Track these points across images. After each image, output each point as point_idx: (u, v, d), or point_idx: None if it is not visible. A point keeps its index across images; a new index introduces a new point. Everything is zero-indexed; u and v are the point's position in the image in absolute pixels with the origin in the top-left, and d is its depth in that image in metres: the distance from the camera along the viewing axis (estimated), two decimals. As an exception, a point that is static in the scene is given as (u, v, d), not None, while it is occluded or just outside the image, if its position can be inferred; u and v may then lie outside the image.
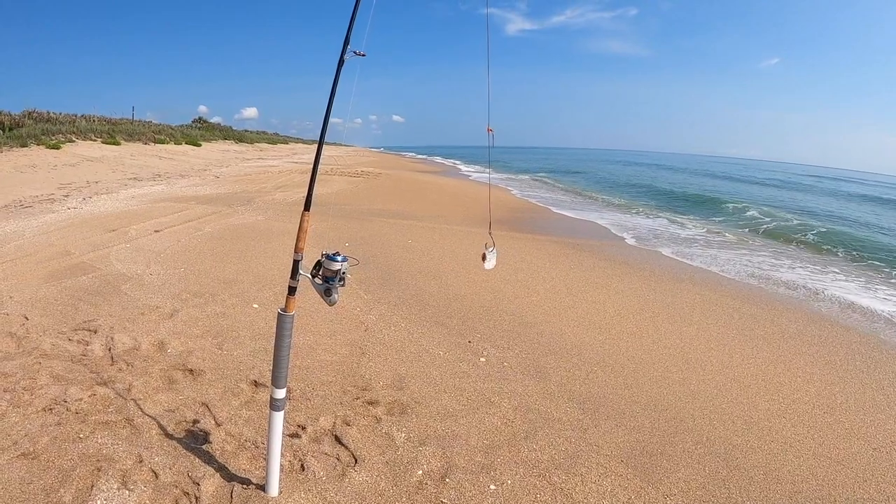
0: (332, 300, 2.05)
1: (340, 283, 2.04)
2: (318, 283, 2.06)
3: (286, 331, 2.10)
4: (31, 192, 10.91)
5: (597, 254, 8.80)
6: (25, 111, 22.49)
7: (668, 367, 4.16)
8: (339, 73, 1.99)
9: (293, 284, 2.07)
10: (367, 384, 3.47)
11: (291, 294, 2.09)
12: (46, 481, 2.32)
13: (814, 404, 3.77)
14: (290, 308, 2.10)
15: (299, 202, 11.76)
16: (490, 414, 3.21)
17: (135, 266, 5.78)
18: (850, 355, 4.84)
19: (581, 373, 3.93)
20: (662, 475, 2.76)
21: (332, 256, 2.03)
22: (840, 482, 2.86)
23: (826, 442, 3.27)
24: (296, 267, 2.05)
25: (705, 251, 9.94)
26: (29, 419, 2.78)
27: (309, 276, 2.07)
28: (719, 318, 5.61)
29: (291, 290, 2.08)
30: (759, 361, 4.48)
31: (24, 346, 3.67)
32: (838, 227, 15.10)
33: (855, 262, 9.93)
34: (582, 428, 3.15)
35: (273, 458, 2.22)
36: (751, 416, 3.49)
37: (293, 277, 2.06)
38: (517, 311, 5.23)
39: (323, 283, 2.04)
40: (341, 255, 2.04)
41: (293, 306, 2.11)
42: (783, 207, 20.02)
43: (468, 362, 3.95)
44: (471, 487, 2.50)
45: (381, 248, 7.61)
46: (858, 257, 10.35)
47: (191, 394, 3.14)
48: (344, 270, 2.04)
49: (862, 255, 10.49)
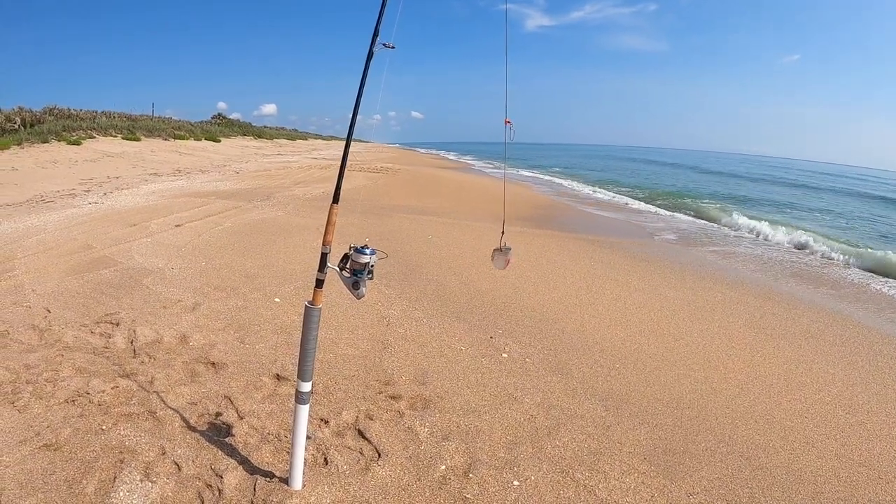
0: (360, 293, 2.04)
1: (369, 276, 2.03)
2: (346, 276, 2.05)
3: (313, 324, 2.09)
4: (52, 188, 11.07)
5: (617, 250, 8.73)
6: (46, 107, 22.78)
7: (690, 365, 4.11)
8: (367, 65, 1.97)
9: (321, 277, 2.06)
10: (390, 378, 3.46)
11: (319, 287, 2.08)
12: (69, 472, 2.34)
13: (836, 404, 3.71)
14: (318, 301, 2.09)
15: (319, 197, 11.83)
16: (513, 410, 3.19)
17: (156, 260, 5.83)
18: (873, 355, 4.75)
19: (603, 370, 3.89)
20: (685, 473, 2.73)
21: (360, 249, 2.02)
22: (863, 484, 2.82)
23: (849, 443, 3.21)
24: (324, 259, 2.04)
25: (731, 249, 9.81)
26: (51, 410, 2.80)
27: (337, 269, 2.06)
28: (741, 316, 5.53)
29: (319, 283, 2.07)
30: (780, 360, 4.42)
31: (47, 339, 3.71)
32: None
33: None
34: (605, 425, 3.12)
35: (297, 452, 2.21)
36: (773, 416, 3.44)
37: (321, 270, 2.05)
38: (538, 307, 5.19)
39: (351, 276, 2.03)
40: (370, 248, 2.02)
41: (320, 299, 2.10)
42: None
43: (490, 358, 3.93)
44: (494, 483, 2.49)
45: (402, 243, 7.61)
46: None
47: (213, 387, 3.15)
48: (372, 263, 2.03)
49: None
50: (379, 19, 2.00)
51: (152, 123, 28.85)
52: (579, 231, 10.79)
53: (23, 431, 2.61)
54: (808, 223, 14.95)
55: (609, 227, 11.76)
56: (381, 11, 2.01)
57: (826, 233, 12.85)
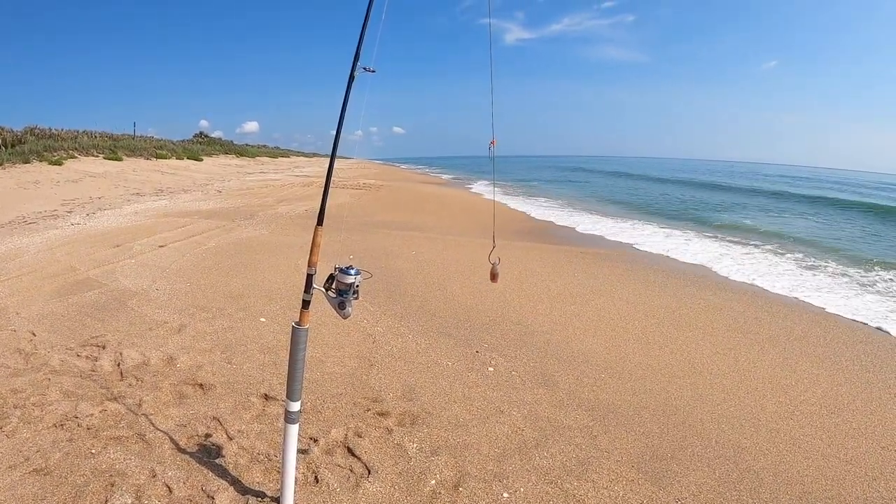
0: (346, 313, 2.08)
1: (354, 296, 2.07)
2: (331, 297, 2.09)
3: (301, 344, 2.12)
4: (34, 209, 10.98)
5: (601, 261, 8.83)
6: (27, 127, 22.66)
7: (675, 372, 4.18)
8: (349, 88, 2.03)
9: (307, 298, 2.11)
10: (378, 395, 3.49)
11: (305, 308, 2.12)
12: (60, 497, 2.34)
13: (821, 405, 3.79)
14: (305, 321, 2.13)
15: (302, 215, 11.86)
16: (500, 423, 3.23)
17: (141, 281, 5.82)
18: (856, 355, 4.87)
19: (589, 380, 3.94)
20: (673, 479, 2.78)
21: (345, 270, 2.06)
22: (850, 482, 2.89)
23: (834, 442, 3.29)
24: (309, 281, 2.08)
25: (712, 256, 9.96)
26: (40, 435, 2.81)
27: (323, 290, 2.10)
28: (725, 322, 5.63)
29: (305, 304, 2.11)
30: (765, 364, 4.51)
31: (33, 363, 3.70)
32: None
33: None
34: (592, 435, 3.16)
35: (288, 471, 2.23)
36: (759, 419, 3.51)
37: (307, 291, 2.09)
38: (523, 319, 5.25)
39: (337, 296, 2.07)
40: (354, 269, 2.07)
41: (307, 320, 2.14)
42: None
43: (477, 372, 3.97)
44: (484, 496, 2.52)
45: (386, 259, 7.65)
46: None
47: (202, 408, 3.16)
48: (357, 283, 2.07)
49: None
50: (359, 44, 2.06)
51: (134, 143, 28.78)
52: (562, 242, 10.90)
53: (12, 456, 2.61)
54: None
55: (588, 240, 11.88)
56: (361, 36, 2.07)
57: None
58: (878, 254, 11.02)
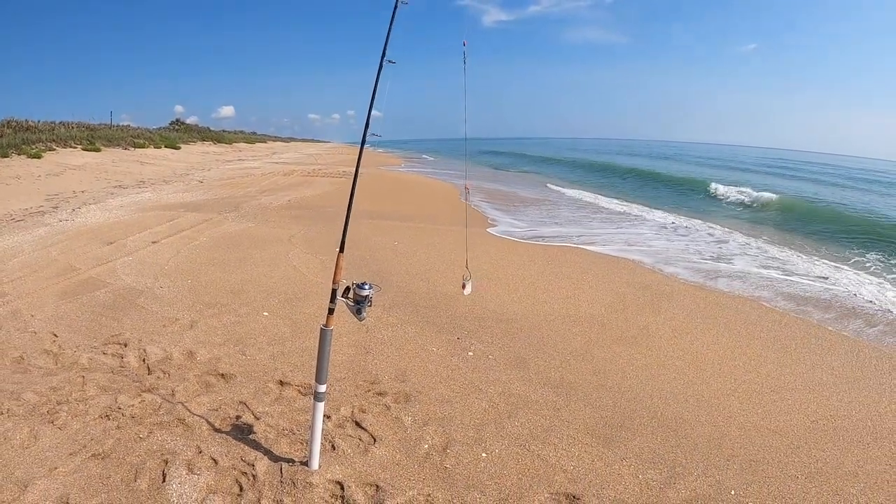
0: (361, 317, 2.71)
1: (368, 304, 2.68)
2: (351, 305, 2.69)
3: (327, 341, 2.73)
4: (19, 205, 11.13)
5: (567, 252, 9.51)
6: (4, 120, 22.29)
7: (633, 355, 4.80)
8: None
9: (332, 307, 2.71)
10: (375, 378, 4.07)
11: (330, 314, 2.72)
12: (122, 474, 2.79)
13: (763, 384, 4.33)
14: (330, 324, 2.73)
15: (286, 206, 12.28)
16: (479, 399, 3.85)
17: (143, 279, 6.21)
18: (806, 339, 5.42)
19: (556, 362, 4.57)
20: (620, 443, 3.40)
21: (360, 286, 2.67)
22: (774, 448, 3.39)
23: (768, 416, 3.80)
24: (333, 294, 2.69)
25: (668, 239, 10.70)
26: (90, 426, 3.20)
27: (345, 301, 2.70)
28: (685, 307, 6.28)
29: (330, 311, 2.72)
30: (718, 347, 5.09)
31: (62, 362, 4.07)
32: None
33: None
34: (556, 408, 3.80)
35: (315, 439, 2.82)
36: (702, 395, 4.09)
37: (332, 301, 2.69)
38: (498, 308, 5.87)
39: (354, 304, 2.68)
40: (368, 284, 2.67)
41: (332, 322, 2.74)
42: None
43: (458, 356, 4.58)
44: (467, 456, 3.14)
45: (370, 251, 8.16)
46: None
47: (227, 395, 3.69)
48: (370, 296, 2.67)
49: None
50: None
51: (111, 132, 28.42)
52: (531, 236, 11.54)
53: (69, 445, 2.99)
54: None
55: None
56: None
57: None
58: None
